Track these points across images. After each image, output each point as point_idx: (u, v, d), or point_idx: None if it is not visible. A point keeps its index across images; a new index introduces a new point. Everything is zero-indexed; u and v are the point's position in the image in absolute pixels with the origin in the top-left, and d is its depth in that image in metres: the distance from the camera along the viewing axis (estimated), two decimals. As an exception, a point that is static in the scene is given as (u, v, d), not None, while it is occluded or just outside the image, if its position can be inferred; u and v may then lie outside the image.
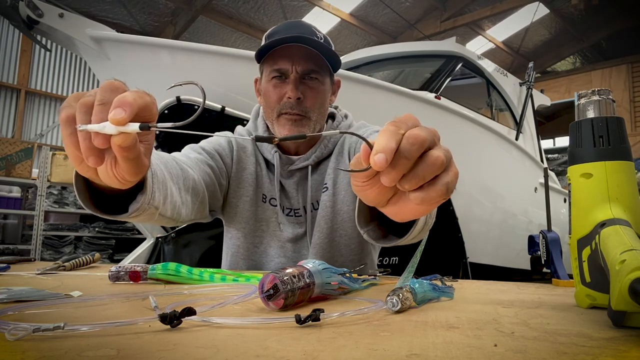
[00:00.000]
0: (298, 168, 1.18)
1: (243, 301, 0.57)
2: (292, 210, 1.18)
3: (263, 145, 1.21)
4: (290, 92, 1.09)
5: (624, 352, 0.38)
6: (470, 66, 3.97)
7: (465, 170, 3.32)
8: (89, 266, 1.12)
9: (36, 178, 5.46)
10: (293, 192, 1.19)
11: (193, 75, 2.25)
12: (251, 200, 1.18)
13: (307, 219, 1.17)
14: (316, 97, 1.12)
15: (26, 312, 0.52)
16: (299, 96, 1.09)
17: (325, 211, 1.15)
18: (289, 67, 1.10)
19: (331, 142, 1.20)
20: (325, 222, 1.15)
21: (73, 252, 5.60)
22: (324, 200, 1.16)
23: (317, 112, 1.13)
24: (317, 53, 1.10)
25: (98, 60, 2.25)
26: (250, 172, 1.19)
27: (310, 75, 1.11)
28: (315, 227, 1.16)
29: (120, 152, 0.46)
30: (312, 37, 1.08)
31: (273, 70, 1.12)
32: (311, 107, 1.11)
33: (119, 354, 0.36)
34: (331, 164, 1.19)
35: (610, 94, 0.62)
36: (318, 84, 1.13)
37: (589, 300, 0.59)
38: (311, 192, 1.17)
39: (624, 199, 0.58)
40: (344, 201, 1.15)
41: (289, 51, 1.09)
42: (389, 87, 2.83)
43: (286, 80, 1.11)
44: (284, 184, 1.19)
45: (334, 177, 1.17)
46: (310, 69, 1.11)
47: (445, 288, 0.67)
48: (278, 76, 1.11)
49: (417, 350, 0.38)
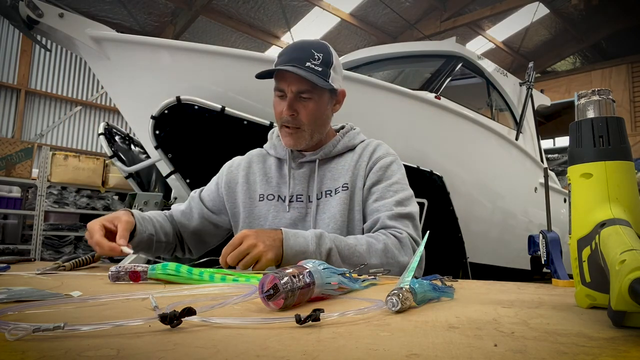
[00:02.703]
0: (307, 161, 1.37)
1: (243, 301, 0.57)
2: (295, 196, 1.34)
3: (277, 147, 1.41)
4: (285, 111, 1.28)
5: (624, 352, 0.38)
6: (470, 66, 3.96)
7: (465, 170, 3.32)
8: (89, 266, 1.12)
9: (36, 178, 5.46)
10: (300, 180, 1.36)
11: (193, 75, 2.25)
12: (244, 204, 1.37)
13: (312, 205, 1.33)
14: (309, 113, 1.29)
15: (26, 312, 0.52)
16: (292, 113, 1.28)
17: (343, 207, 1.30)
18: (286, 88, 1.27)
19: (340, 144, 1.39)
20: (341, 216, 1.29)
21: (73, 252, 5.60)
22: (343, 197, 1.31)
23: (312, 125, 1.31)
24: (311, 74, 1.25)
25: (98, 60, 2.25)
26: (240, 183, 1.40)
27: (302, 94, 1.27)
28: (326, 212, 1.31)
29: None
30: (306, 62, 1.25)
31: (276, 88, 1.30)
32: (306, 121, 1.29)
33: (119, 354, 0.36)
34: (348, 166, 1.36)
35: (610, 94, 0.62)
36: (311, 102, 1.29)
37: (589, 300, 0.59)
38: (318, 183, 1.35)
39: (624, 199, 0.58)
40: (357, 202, 1.32)
41: (285, 74, 1.26)
42: (389, 87, 2.83)
43: (285, 99, 1.29)
44: (293, 174, 1.37)
45: (351, 179, 1.34)
46: (303, 89, 1.27)
47: (445, 288, 0.67)
48: (280, 94, 1.30)
49: (417, 350, 0.38)
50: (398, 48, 4.24)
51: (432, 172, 2.76)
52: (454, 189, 2.94)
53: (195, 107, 2.11)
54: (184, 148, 2.20)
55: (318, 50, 1.28)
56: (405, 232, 1.22)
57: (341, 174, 1.35)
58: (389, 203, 1.27)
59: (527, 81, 4.55)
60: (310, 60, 1.26)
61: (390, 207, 1.27)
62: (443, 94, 3.40)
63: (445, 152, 3.13)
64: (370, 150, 1.38)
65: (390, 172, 1.34)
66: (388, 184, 1.31)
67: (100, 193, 5.82)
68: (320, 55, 1.27)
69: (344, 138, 1.40)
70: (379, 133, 1.70)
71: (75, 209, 5.67)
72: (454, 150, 3.24)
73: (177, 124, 2.12)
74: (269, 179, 1.39)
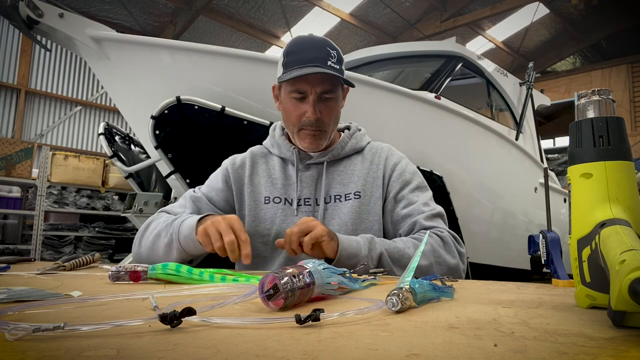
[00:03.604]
0: (314, 163, 1.33)
1: (243, 301, 0.57)
2: (303, 200, 1.31)
3: (281, 146, 1.36)
4: (310, 114, 1.24)
5: (624, 352, 0.38)
6: (470, 66, 3.96)
7: (465, 170, 3.32)
8: (89, 266, 1.12)
9: (36, 178, 5.46)
10: (308, 183, 1.32)
11: (193, 75, 2.25)
12: (249, 206, 1.33)
13: (320, 209, 1.30)
14: (331, 113, 1.28)
15: (26, 312, 0.52)
16: (318, 116, 1.24)
17: (354, 215, 1.28)
18: (308, 89, 1.23)
19: (348, 146, 1.36)
20: (352, 224, 1.27)
21: (73, 252, 5.60)
22: (354, 206, 1.28)
23: (332, 125, 1.30)
24: (333, 75, 1.22)
25: (98, 60, 2.25)
26: (246, 183, 1.35)
27: (326, 95, 1.25)
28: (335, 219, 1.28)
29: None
30: (327, 60, 1.21)
31: (294, 90, 1.25)
32: (327, 122, 1.28)
33: (119, 354, 0.36)
34: (358, 172, 1.33)
35: (610, 94, 0.62)
36: (333, 102, 1.28)
37: (589, 300, 0.59)
38: (326, 186, 1.32)
39: (624, 199, 0.58)
40: (371, 211, 1.30)
41: (307, 75, 1.20)
42: (389, 87, 2.83)
43: (305, 100, 1.25)
44: (301, 176, 1.33)
45: (364, 187, 1.31)
46: (327, 89, 1.24)
47: (445, 288, 0.67)
48: (298, 96, 1.25)
49: (417, 350, 0.38)
50: (398, 48, 4.24)
51: (432, 172, 2.76)
52: (454, 189, 2.94)
53: (195, 107, 2.11)
54: (184, 148, 2.20)
55: (331, 47, 1.26)
56: (446, 231, 1.23)
57: (351, 180, 1.32)
58: (419, 206, 1.27)
59: (527, 81, 4.55)
60: (330, 59, 1.23)
61: (420, 209, 1.27)
62: (443, 94, 3.40)
63: (446, 152, 3.12)
64: (384, 157, 1.36)
65: (409, 175, 1.34)
66: (411, 189, 1.31)
67: (100, 193, 5.82)
68: (334, 52, 1.25)
69: (351, 140, 1.37)
70: (379, 133, 1.71)
71: (75, 209, 5.67)
72: (454, 150, 3.24)
73: (177, 124, 2.12)
74: (274, 181, 1.34)
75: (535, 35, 12.14)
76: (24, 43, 9.35)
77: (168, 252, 1.16)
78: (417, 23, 11.23)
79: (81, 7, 8.67)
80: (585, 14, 11.00)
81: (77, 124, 10.28)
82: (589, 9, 10.30)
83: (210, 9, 9.54)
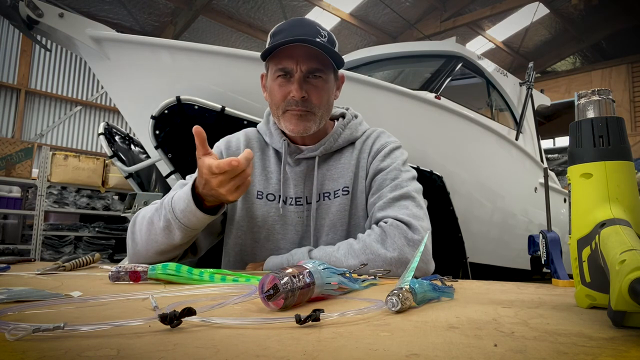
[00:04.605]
0: (305, 157, 1.23)
1: (243, 301, 0.57)
2: (294, 199, 1.22)
3: (273, 136, 1.25)
4: (295, 92, 1.12)
5: (624, 352, 0.38)
6: (470, 66, 3.96)
7: (465, 170, 3.32)
8: (89, 266, 1.12)
9: (36, 178, 5.46)
10: (299, 180, 1.22)
11: (193, 75, 2.25)
12: (241, 200, 1.22)
13: (312, 207, 1.20)
14: (320, 94, 1.16)
15: (26, 312, 0.52)
16: (304, 95, 1.13)
17: (343, 213, 1.20)
18: (294, 67, 1.13)
19: (341, 138, 1.25)
20: (341, 225, 1.19)
21: (73, 252, 5.60)
22: (343, 203, 1.20)
23: (322, 109, 1.17)
24: (321, 52, 1.12)
25: (98, 60, 2.25)
26: None
27: (314, 74, 1.14)
28: (325, 219, 1.20)
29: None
30: (316, 37, 1.11)
31: (278, 69, 1.15)
32: (317, 104, 1.16)
33: (119, 354, 0.36)
34: (347, 164, 1.23)
35: (610, 94, 0.62)
36: (322, 82, 1.16)
37: (589, 300, 0.59)
38: (317, 183, 1.21)
39: (624, 199, 0.58)
40: (359, 206, 1.21)
41: (293, 51, 1.11)
42: (389, 87, 2.83)
43: (291, 79, 1.14)
44: (290, 172, 1.23)
45: (353, 181, 1.22)
46: (315, 67, 1.14)
47: (445, 288, 0.67)
48: (283, 75, 1.14)
49: (417, 350, 0.38)
50: (398, 48, 4.24)
51: (432, 172, 2.76)
52: (454, 189, 2.94)
53: (195, 107, 2.10)
54: (184, 148, 2.19)
55: (321, 27, 1.16)
56: (392, 218, 1.08)
57: (341, 174, 1.22)
58: (384, 192, 1.15)
59: (527, 81, 4.55)
60: (319, 37, 1.12)
61: (385, 195, 1.14)
62: (443, 94, 3.40)
63: (445, 152, 3.12)
64: (370, 143, 1.25)
65: (390, 160, 1.21)
66: (385, 173, 1.18)
67: (100, 193, 5.82)
68: (325, 32, 1.15)
69: (345, 130, 1.26)
70: (379, 133, 1.70)
71: (75, 209, 5.67)
72: (454, 150, 3.24)
73: (177, 124, 2.12)
74: (268, 175, 1.24)
75: (535, 35, 12.15)
76: (24, 43, 9.35)
77: (168, 236, 1.05)
78: (417, 23, 11.23)
79: (81, 7, 8.67)
80: (585, 14, 11.00)
81: (77, 124, 10.29)
82: (589, 9, 10.30)
83: (210, 9, 9.54)
